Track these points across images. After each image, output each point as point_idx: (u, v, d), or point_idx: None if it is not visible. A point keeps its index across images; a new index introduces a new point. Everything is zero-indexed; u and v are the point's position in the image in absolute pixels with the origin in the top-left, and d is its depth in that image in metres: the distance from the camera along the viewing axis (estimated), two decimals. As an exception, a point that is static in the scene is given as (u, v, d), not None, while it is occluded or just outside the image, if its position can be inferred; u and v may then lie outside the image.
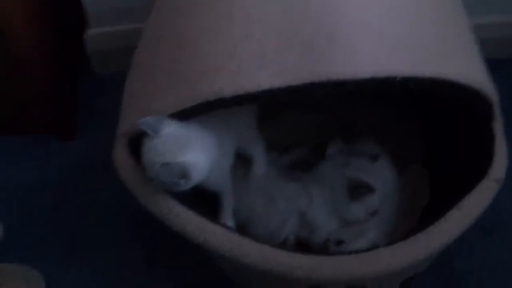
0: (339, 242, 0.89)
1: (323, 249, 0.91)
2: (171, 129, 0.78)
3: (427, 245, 0.77)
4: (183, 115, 0.78)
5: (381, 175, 0.95)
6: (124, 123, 0.86)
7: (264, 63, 0.75)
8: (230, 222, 0.91)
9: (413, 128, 1.06)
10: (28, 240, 1.10)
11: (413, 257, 0.77)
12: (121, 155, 0.84)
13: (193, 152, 0.78)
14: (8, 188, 1.16)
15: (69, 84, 1.27)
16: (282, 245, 0.92)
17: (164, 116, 0.78)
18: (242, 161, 0.96)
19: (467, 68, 0.84)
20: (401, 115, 1.07)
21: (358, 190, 0.91)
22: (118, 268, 1.06)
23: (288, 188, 0.94)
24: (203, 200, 0.88)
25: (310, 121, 1.06)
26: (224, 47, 0.77)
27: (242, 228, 0.92)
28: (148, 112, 0.80)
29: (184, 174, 0.77)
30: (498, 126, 0.89)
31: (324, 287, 0.78)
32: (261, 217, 0.93)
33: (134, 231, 1.09)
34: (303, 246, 0.94)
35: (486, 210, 0.82)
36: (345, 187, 0.92)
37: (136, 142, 0.81)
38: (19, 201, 1.15)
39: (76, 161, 1.19)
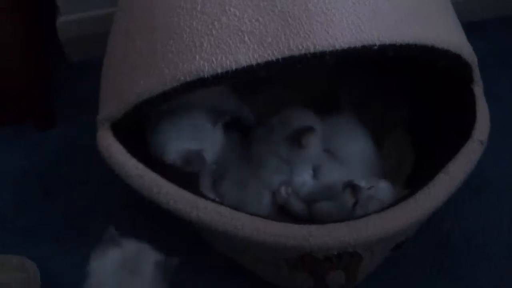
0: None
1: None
2: None
3: (417, 210, 0.78)
4: (164, 98, 0.78)
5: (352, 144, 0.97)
6: (104, 108, 0.85)
7: (242, 38, 0.74)
8: (211, 193, 0.92)
9: (393, 96, 1.06)
10: (20, 229, 1.08)
11: (403, 223, 0.78)
12: (105, 139, 0.84)
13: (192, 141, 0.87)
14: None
15: (44, 72, 1.25)
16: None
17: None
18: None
19: (444, 32, 0.84)
20: (381, 84, 1.07)
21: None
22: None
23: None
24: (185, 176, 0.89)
25: (293, 95, 1.06)
26: (201, 24, 0.76)
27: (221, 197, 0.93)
28: (128, 96, 0.79)
29: (201, 161, 0.88)
30: (478, 89, 0.90)
31: (316, 254, 0.78)
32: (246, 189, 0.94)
33: (128, 212, 1.08)
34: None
35: (472, 171, 0.83)
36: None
37: (119, 124, 0.81)
38: (8, 190, 1.14)
39: (60, 147, 1.17)
